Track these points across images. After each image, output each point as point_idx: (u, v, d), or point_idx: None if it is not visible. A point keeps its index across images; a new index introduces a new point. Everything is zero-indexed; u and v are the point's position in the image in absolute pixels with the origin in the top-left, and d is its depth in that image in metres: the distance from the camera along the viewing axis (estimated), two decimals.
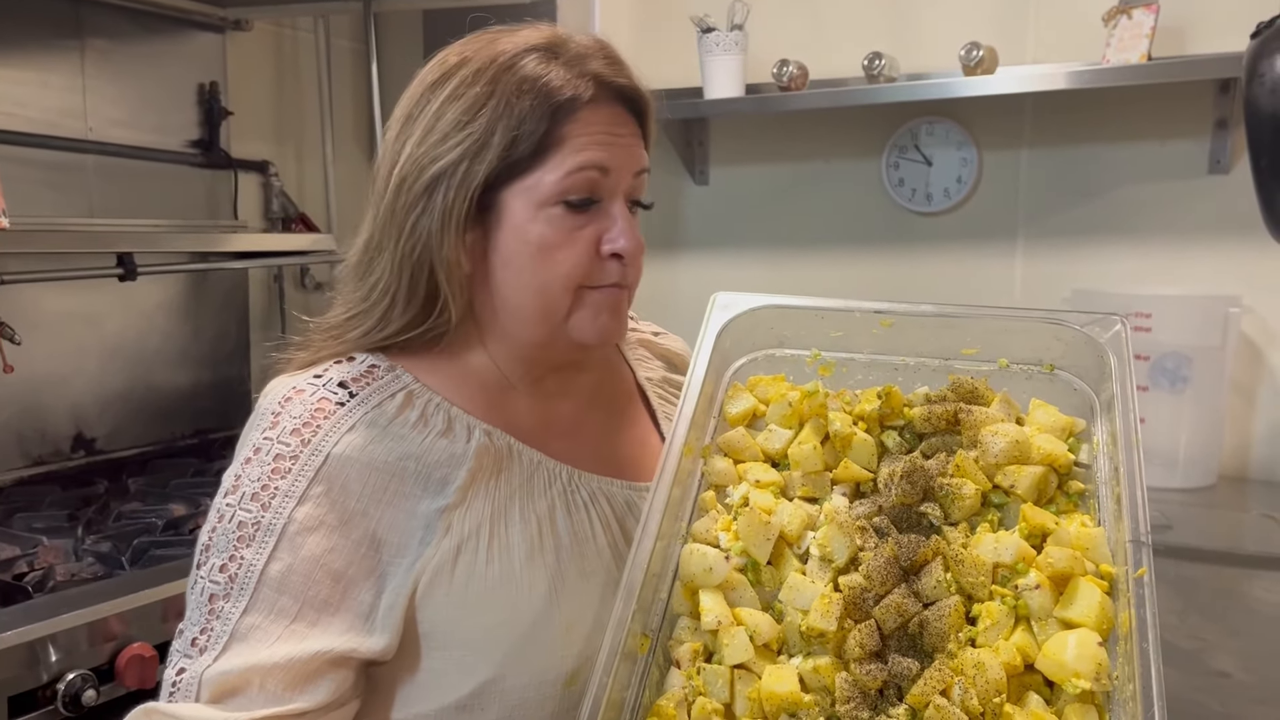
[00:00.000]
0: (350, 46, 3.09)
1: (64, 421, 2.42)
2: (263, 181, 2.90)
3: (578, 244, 1.03)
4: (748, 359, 1.14)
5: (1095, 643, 0.84)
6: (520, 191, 1.02)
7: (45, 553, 1.82)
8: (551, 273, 1.03)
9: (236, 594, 0.93)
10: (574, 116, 1.02)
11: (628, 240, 1.03)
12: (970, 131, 2.66)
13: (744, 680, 0.90)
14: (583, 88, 1.03)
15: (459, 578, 0.99)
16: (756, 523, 0.95)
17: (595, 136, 1.02)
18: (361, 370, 1.05)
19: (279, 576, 0.94)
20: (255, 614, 0.93)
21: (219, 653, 0.91)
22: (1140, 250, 2.53)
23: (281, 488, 0.96)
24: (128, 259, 2.31)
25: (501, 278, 1.05)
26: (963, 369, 1.08)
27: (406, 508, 1.00)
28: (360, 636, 0.95)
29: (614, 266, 1.04)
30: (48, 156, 2.36)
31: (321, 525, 0.96)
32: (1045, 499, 0.97)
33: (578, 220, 1.03)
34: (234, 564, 0.94)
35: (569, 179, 1.01)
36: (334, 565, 0.95)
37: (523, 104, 1.00)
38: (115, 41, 2.51)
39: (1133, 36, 2.28)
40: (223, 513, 0.97)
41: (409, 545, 0.99)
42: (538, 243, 1.02)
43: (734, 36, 2.62)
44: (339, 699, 0.93)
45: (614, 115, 1.05)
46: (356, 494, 0.98)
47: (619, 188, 1.04)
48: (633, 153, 1.06)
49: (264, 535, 0.95)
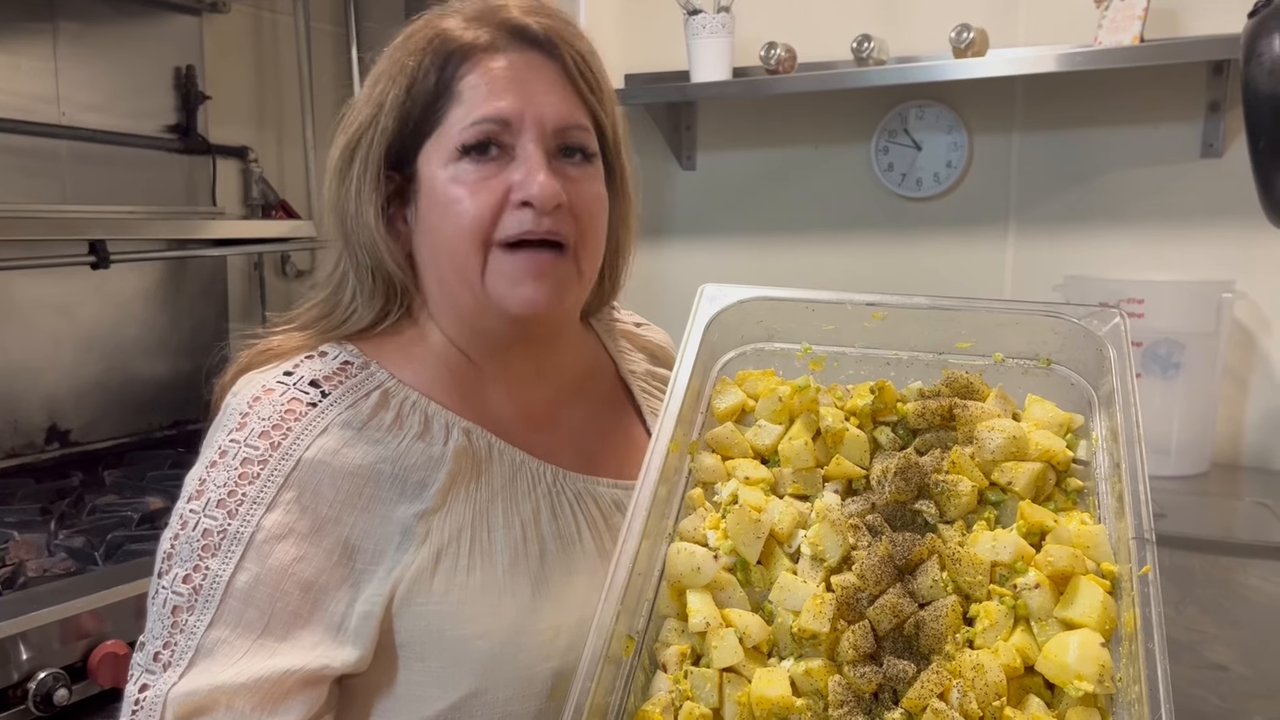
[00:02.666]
0: (330, 30, 3.04)
1: (38, 413, 2.39)
2: (242, 167, 2.86)
3: (482, 194, 0.98)
4: (736, 353, 1.11)
5: (1098, 643, 0.82)
6: (430, 152, 1.00)
7: (16, 548, 1.78)
8: (456, 225, 0.98)
9: (201, 606, 0.89)
10: (471, 65, 0.99)
11: (539, 186, 0.96)
12: (960, 115, 2.64)
13: (733, 684, 0.87)
14: (481, 35, 0.99)
15: (438, 586, 0.95)
16: (746, 521, 0.93)
17: (494, 85, 0.98)
18: (334, 367, 1.01)
19: (246, 588, 0.90)
20: (220, 628, 0.89)
21: (183, 669, 0.88)
22: (1133, 235, 2.51)
23: (249, 494, 0.92)
24: (100, 246, 2.27)
25: (424, 243, 1.02)
26: (957, 363, 1.06)
27: (382, 513, 0.96)
28: (332, 649, 0.91)
29: (525, 215, 0.98)
30: (20, 142, 2.32)
31: (291, 533, 0.92)
32: (1043, 496, 0.96)
33: (484, 170, 0.98)
34: (198, 574, 0.90)
35: (467, 131, 0.98)
36: (304, 575, 0.92)
37: (419, 59, 0.99)
38: (88, 24, 2.47)
39: (1125, 18, 2.25)
40: (186, 519, 0.93)
41: (385, 552, 0.95)
42: (444, 199, 0.99)
43: (721, 19, 2.59)
44: (308, 717, 0.89)
45: (521, 61, 1.00)
46: (329, 500, 0.94)
47: (528, 135, 0.98)
48: (546, 101, 0.99)
49: (230, 544, 0.91)
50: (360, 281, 1.03)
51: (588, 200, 1.02)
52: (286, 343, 1.04)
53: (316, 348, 1.03)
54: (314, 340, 1.04)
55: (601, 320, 1.25)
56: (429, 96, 0.99)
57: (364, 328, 1.05)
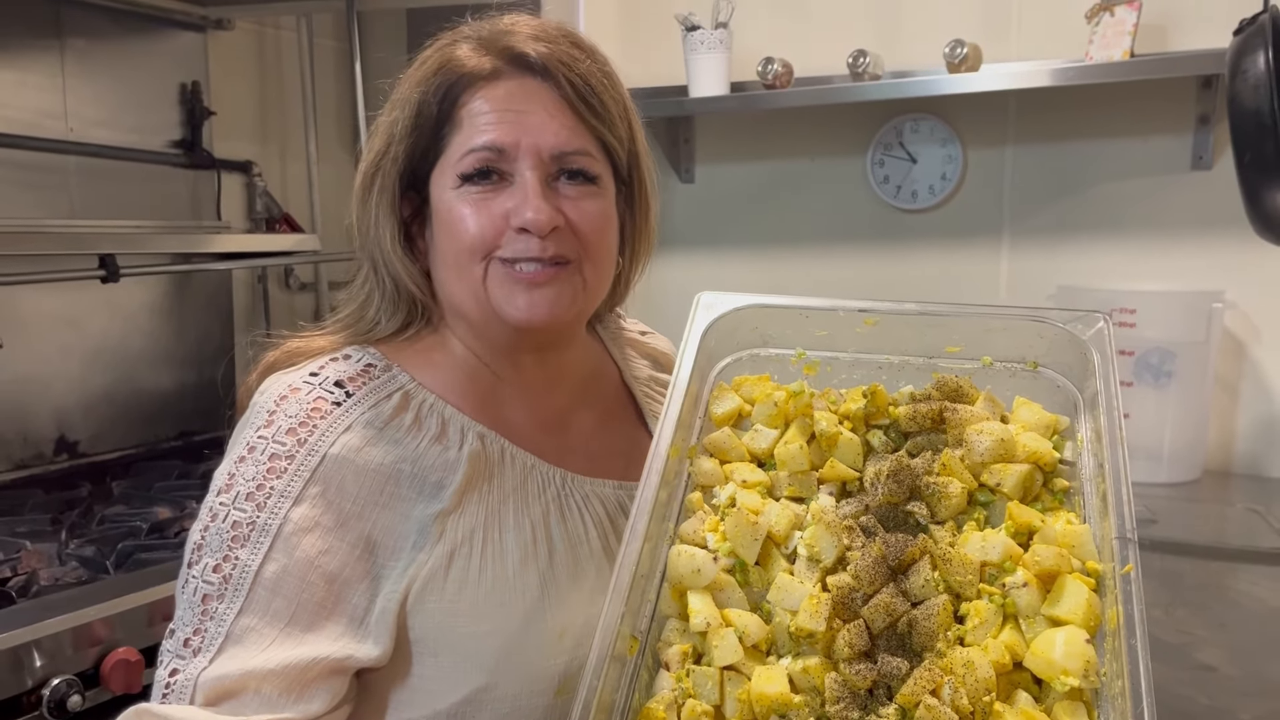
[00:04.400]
0: (333, 45, 3.07)
1: (47, 424, 2.40)
2: (246, 182, 2.89)
3: (482, 215, 1.01)
4: (732, 359, 1.13)
5: (1083, 640, 0.84)
6: (439, 177, 1.04)
7: (29, 557, 1.80)
8: (461, 243, 1.02)
9: (231, 595, 0.92)
10: (470, 94, 1.02)
11: (533, 212, 1.00)
12: (955, 128, 2.67)
13: (733, 681, 0.89)
14: (484, 64, 1.02)
15: (452, 584, 0.98)
16: (744, 523, 0.95)
17: (491, 115, 1.01)
18: (358, 369, 1.05)
19: (274, 578, 0.93)
20: (250, 616, 0.92)
21: (214, 655, 0.90)
22: (1124, 246, 2.54)
23: (277, 488, 0.95)
24: (110, 260, 2.29)
25: (437, 261, 1.06)
26: (947, 367, 1.08)
27: (402, 510, 0.99)
28: (355, 643, 0.94)
29: (525, 241, 1.01)
30: (28, 157, 2.34)
31: (317, 526, 0.95)
32: (1031, 497, 0.97)
33: (485, 194, 1.02)
34: (228, 564, 0.93)
35: (464, 160, 1.01)
36: (329, 567, 0.94)
37: (424, 88, 1.02)
38: (95, 41, 2.49)
39: (1115, 33, 2.29)
40: (216, 512, 0.96)
41: (402, 549, 0.98)
42: (450, 219, 1.03)
43: (719, 34, 2.62)
44: (332, 706, 0.92)
45: (518, 89, 1.02)
46: (353, 496, 0.97)
47: (524, 163, 1.01)
48: (543, 128, 1.02)
49: (259, 535, 0.94)
50: (383, 297, 1.08)
51: (589, 217, 1.04)
52: (311, 344, 1.08)
53: (341, 350, 1.07)
54: (339, 343, 1.08)
55: (608, 328, 1.28)
56: (433, 124, 1.03)
57: (387, 336, 1.09)
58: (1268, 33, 1.56)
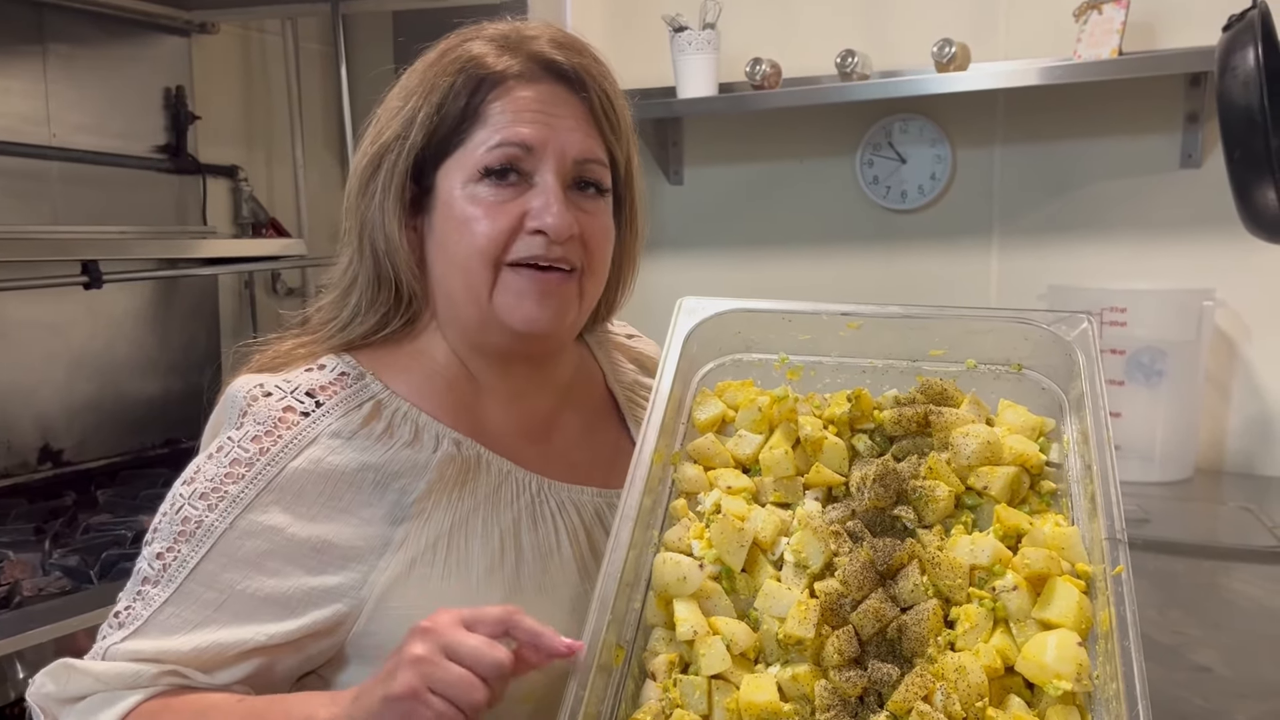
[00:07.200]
0: (319, 49, 3.06)
1: (30, 433, 2.39)
2: (232, 186, 2.88)
3: (498, 217, 1.01)
4: (715, 364, 1.13)
5: (1075, 643, 0.84)
6: (451, 169, 1.03)
7: (11, 567, 1.79)
8: (471, 245, 1.02)
9: (165, 583, 0.95)
10: (501, 92, 1.02)
11: (554, 217, 1.00)
12: (944, 128, 2.66)
13: (722, 690, 0.88)
14: (514, 64, 1.03)
15: (413, 591, 0.98)
16: (730, 530, 0.94)
17: (521, 113, 1.02)
18: (330, 378, 1.05)
19: (208, 575, 0.95)
20: (176, 605, 0.94)
21: (131, 633, 0.94)
22: (1114, 245, 2.53)
23: (231, 493, 0.97)
24: (93, 266, 2.28)
25: (436, 257, 1.06)
26: (931, 370, 1.08)
27: (363, 515, 0.99)
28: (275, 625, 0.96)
29: (537, 241, 1.02)
30: (10, 163, 2.33)
31: (265, 531, 0.96)
32: (1018, 499, 0.97)
33: (502, 194, 1.02)
34: (170, 554, 0.96)
35: (490, 153, 1.01)
36: (269, 567, 0.96)
37: (451, 80, 1.02)
38: (78, 46, 2.48)
39: (1103, 32, 2.28)
40: (175, 501, 0.98)
41: (363, 556, 0.98)
42: (460, 216, 1.02)
43: (706, 35, 2.61)
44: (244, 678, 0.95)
45: (549, 94, 1.03)
46: (310, 502, 0.98)
47: (548, 165, 1.02)
48: (570, 135, 1.03)
49: (204, 535, 0.96)
50: (368, 283, 1.07)
51: (597, 232, 1.06)
52: (294, 351, 1.09)
53: (318, 359, 1.07)
54: (319, 349, 1.08)
55: (594, 333, 1.27)
56: (457, 117, 1.03)
57: (364, 333, 1.08)
58: (1257, 28, 1.55)
